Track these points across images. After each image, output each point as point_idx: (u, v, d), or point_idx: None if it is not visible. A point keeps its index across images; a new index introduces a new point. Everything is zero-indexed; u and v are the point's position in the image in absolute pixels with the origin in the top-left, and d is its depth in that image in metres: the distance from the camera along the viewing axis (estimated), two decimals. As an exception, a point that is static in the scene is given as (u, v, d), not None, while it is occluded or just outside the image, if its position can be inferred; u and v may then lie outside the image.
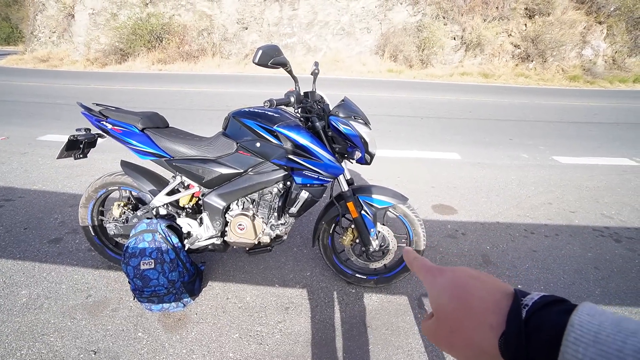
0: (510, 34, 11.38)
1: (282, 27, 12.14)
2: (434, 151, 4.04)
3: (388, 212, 1.69)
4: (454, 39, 11.47)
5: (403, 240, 1.76)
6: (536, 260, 2.12)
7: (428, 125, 5.24)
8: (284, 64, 1.24)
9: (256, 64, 1.17)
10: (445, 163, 3.70)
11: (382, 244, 1.70)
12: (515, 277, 1.96)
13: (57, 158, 1.62)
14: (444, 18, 11.33)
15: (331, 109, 1.48)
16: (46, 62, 13.67)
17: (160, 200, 1.60)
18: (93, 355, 1.39)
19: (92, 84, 8.85)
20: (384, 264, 1.76)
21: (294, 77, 1.37)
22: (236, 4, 12.39)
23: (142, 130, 1.56)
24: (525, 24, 11.33)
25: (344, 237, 1.67)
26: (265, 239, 1.64)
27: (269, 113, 1.46)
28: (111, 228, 1.69)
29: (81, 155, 1.69)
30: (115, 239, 1.78)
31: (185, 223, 1.62)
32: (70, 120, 5.11)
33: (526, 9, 11.17)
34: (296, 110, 1.41)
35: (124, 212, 1.71)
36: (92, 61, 12.83)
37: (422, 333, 1.55)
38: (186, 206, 1.66)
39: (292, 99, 1.33)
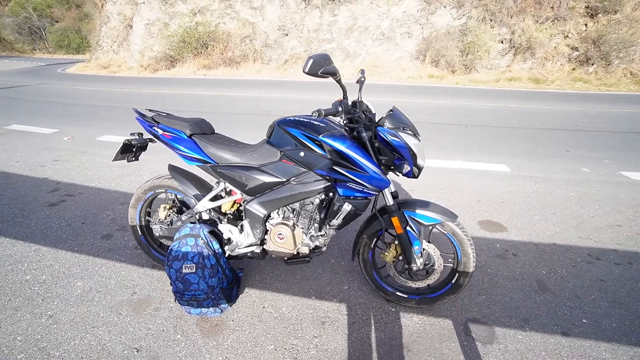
0: (567, 36, 10.50)
1: (322, 33, 12.26)
2: (479, 162, 3.79)
3: (435, 229, 1.58)
4: (502, 42, 10.83)
5: (450, 260, 1.64)
6: (605, 291, 1.87)
7: (473, 134, 4.96)
8: (333, 74, 1.20)
9: (306, 73, 1.14)
10: (492, 175, 3.46)
11: (427, 262, 1.59)
12: (579, 309, 1.74)
13: (112, 160, 1.72)
14: (490, 20, 10.76)
15: (378, 118, 1.41)
16: (107, 68, 15.01)
17: (203, 206, 1.63)
18: (136, 353, 1.43)
19: (144, 89, 9.54)
20: (428, 284, 1.65)
21: (342, 87, 1.33)
22: (278, 11, 12.74)
23: (189, 137, 1.60)
24: (586, 24, 10.39)
25: (386, 253, 1.59)
26: (304, 250, 1.60)
27: (314, 122, 1.43)
28: (157, 229, 1.75)
29: (134, 159, 1.77)
30: (160, 240, 1.84)
31: (226, 229, 1.64)
32: (123, 122, 5.52)
33: (587, 7, 10.25)
34: (343, 121, 1.36)
35: (169, 214, 1.77)
36: (145, 67, 13.87)
37: (469, 363, 1.42)
38: (228, 212, 1.68)
39: (340, 109, 1.28)
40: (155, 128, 1.64)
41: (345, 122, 1.35)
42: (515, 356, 1.47)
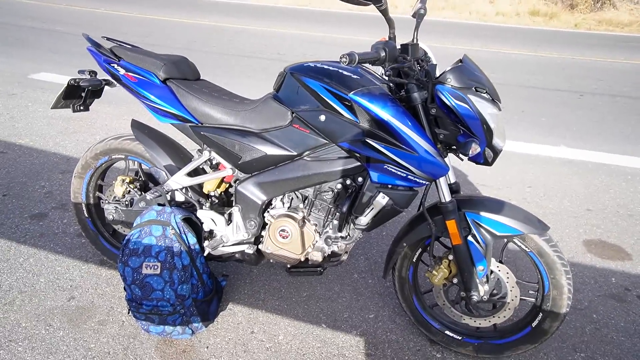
0: None
1: None
2: (597, 151, 3.76)
3: (511, 244, 1.61)
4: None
5: (531, 292, 1.66)
6: None
7: (592, 106, 4.86)
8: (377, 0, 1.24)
9: (337, -4, 1.18)
10: (616, 173, 3.41)
11: (495, 291, 1.63)
12: None
13: (51, 107, 1.83)
14: None
15: (439, 73, 1.43)
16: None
17: (178, 182, 1.73)
18: (71, 379, 1.58)
19: (102, 7, 9.80)
20: (494, 324, 1.69)
21: (389, 21, 1.35)
22: None
23: (164, 81, 1.68)
24: None
25: (434, 272, 1.63)
26: (316, 256, 1.67)
27: (345, 73, 1.47)
28: (110, 211, 1.87)
29: (82, 107, 1.89)
30: (114, 225, 1.97)
31: (208, 218, 1.73)
32: (70, 54, 5.76)
33: None
34: (387, 72, 1.40)
35: (129, 190, 1.88)
36: (103, -25, 14.14)
37: None
38: (212, 194, 1.77)
39: (383, 54, 1.31)
40: (115, 66, 1.73)
41: (389, 74, 1.39)
42: None
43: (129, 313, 1.72)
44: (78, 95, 1.85)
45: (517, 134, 3.94)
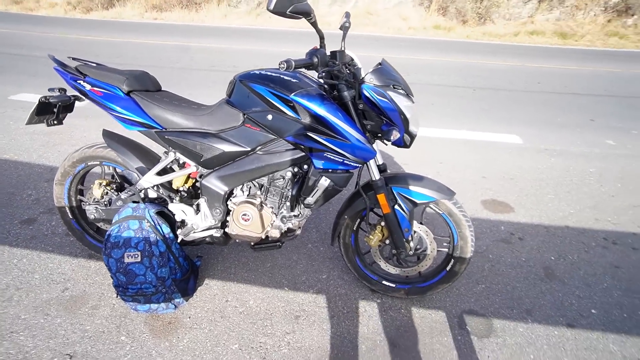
0: (602, -20, 10.57)
1: (303, -33, 11.81)
2: (487, 132, 3.91)
3: (428, 209, 1.64)
4: (524, -14, 10.80)
5: (445, 244, 1.71)
6: (619, 279, 2.02)
7: (482, 98, 5.04)
8: (307, 13, 1.18)
9: (271, 11, 1.11)
10: (502, 148, 3.57)
11: (418, 247, 1.66)
12: (588, 298, 1.88)
13: (26, 124, 1.65)
14: (511, -42, 10.65)
15: (364, 74, 1.41)
16: (19, 4, 13.99)
17: (149, 181, 1.62)
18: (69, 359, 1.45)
19: (74, 34, 9.01)
20: (419, 272, 1.74)
21: (319, 32, 1.31)
22: (246, -64, 12.10)
23: (127, 94, 1.56)
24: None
25: (370, 237, 1.64)
26: (275, 233, 1.64)
27: (286, 78, 1.42)
28: (91, 211, 1.73)
29: (55, 122, 1.71)
30: (97, 223, 1.82)
31: (178, 209, 1.64)
32: (49, 77, 5.23)
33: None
34: (320, 75, 1.36)
35: (107, 192, 1.74)
36: (74, 5, 13.04)
37: (461, 358, 1.53)
38: (181, 189, 1.67)
39: (316, 60, 1.27)
40: (81, 82, 1.58)
41: (322, 76, 1.35)
42: (514, 350, 1.59)
43: (117, 297, 1.62)
44: (50, 111, 1.69)
45: (429, 122, 4.03)
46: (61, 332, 1.56)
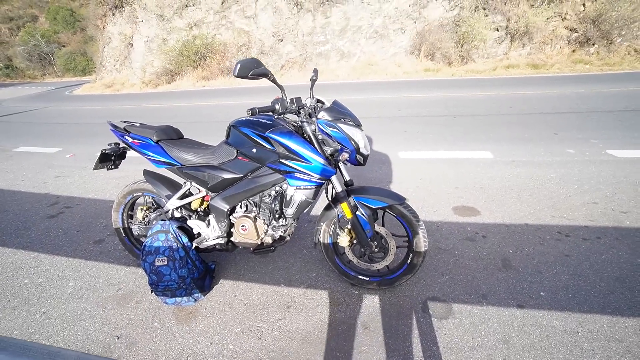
0: (565, 17, 10.39)
1: (316, 35, 12.46)
2: (462, 150, 3.86)
3: (386, 213, 1.69)
4: (497, 30, 10.77)
5: (403, 241, 1.74)
6: (567, 265, 1.94)
7: (461, 123, 5.01)
8: (265, 75, 1.33)
9: (236, 76, 1.27)
10: (474, 163, 3.52)
11: (382, 244, 1.70)
12: (539, 283, 1.81)
13: (93, 169, 1.90)
14: (484, 9, 10.73)
15: (318, 112, 1.53)
16: (111, 87, 15.59)
17: (172, 204, 1.79)
18: (116, 340, 1.59)
19: (144, 104, 9.90)
20: (387, 266, 1.76)
21: (278, 86, 1.44)
22: (271, 18, 13.01)
23: (157, 142, 1.76)
24: (584, 4, 10.25)
25: (341, 238, 1.70)
26: (268, 240, 1.73)
27: (263, 121, 1.56)
28: (135, 229, 1.92)
29: (113, 167, 1.95)
30: (140, 239, 2.01)
31: (195, 224, 1.78)
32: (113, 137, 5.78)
33: (583, -12, 10.14)
34: (283, 116, 1.49)
35: (146, 215, 1.93)
36: (146, 83, 14.36)
37: (422, 337, 1.52)
38: (199, 209, 1.83)
39: (277, 106, 1.41)
40: (126, 137, 1.81)
41: (280, 118, 1.47)
42: (468, 328, 1.56)
43: (151, 292, 1.75)
44: (109, 159, 1.92)
45: (413, 147, 4.05)
46: (113, 320, 1.71)
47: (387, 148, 4.08)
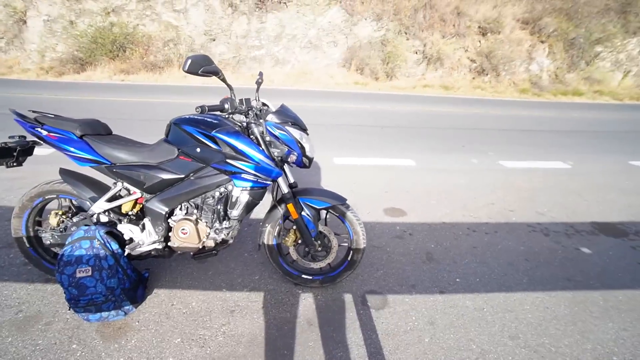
0: (467, 50, 12.23)
1: (250, 39, 12.27)
2: (390, 158, 4.25)
3: (330, 213, 1.78)
4: (416, 53, 12.13)
5: (345, 240, 1.86)
6: (475, 255, 2.31)
7: (388, 134, 5.49)
8: (215, 73, 1.32)
9: (186, 72, 1.23)
10: (400, 169, 3.91)
11: (325, 243, 1.79)
12: (455, 271, 2.12)
13: None
14: (405, 34, 12.00)
15: (267, 115, 1.56)
16: (-9, 70, 12.80)
17: (100, 207, 1.60)
18: (20, 371, 1.35)
19: (45, 94, 8.41)
20: (328, 264, 1.84)
21: (228, 85, 1.44)
22: (203, 15, 12.40)
23: (80, 137, 1.56)
24: (480, 41, 12.25)
25: (286, 238, 1.74)
26: (210, 243, 1.67)
27: (209, 120, 1.52)
28: (47, 237, 1.65)
29: (15, 164, 1.65)
30: (52, 249, 1.73)
31: (126, 229, 1.63)
32: (16, 130, 4.84)
33: (479, 27, 12.12)
34: (231, 116, 1.48)
35: (63, 220, 1.68)
36: (46, 70, 12.21)
37: (362, 328, 1.64)
38: (129, 213, 1.66)
39: (227, 106, 1.40)
40: (39, 129, 1.56)
41: (228, 118, 1.46)
42: (401, 316, 1.74)
43: (69, 309, 1.54)
44: (10, 154, 1.62)
45: (347, 153, 4.29)
46: (12, 349, 1.44)
47: (323, 154, 4.25)
